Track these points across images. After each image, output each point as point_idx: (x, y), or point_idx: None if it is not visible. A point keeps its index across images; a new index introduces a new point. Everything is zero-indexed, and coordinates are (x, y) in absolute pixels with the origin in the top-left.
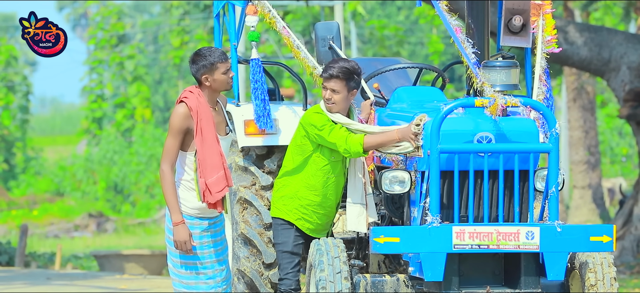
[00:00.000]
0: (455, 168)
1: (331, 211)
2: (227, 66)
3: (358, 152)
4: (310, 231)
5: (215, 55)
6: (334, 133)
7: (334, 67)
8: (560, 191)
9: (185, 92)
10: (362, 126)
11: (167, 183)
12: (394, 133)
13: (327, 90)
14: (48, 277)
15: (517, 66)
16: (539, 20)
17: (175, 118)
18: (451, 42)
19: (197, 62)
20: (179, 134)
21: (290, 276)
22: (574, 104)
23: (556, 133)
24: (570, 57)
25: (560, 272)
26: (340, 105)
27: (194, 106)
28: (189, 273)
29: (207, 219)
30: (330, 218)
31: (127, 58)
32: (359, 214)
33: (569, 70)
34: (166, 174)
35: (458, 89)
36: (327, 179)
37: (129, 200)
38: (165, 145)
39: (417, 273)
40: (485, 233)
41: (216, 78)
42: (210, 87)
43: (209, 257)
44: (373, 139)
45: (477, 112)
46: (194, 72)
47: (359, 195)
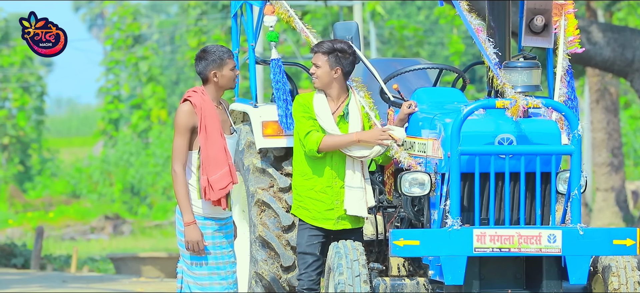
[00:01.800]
0: (475, 169)
1: (327, 197)
2: (234, 63)
3: (312, 151)
4: (312, 220)
5: (223, 51)
6: (300, 125)
7: (319, 44)
8: (582, 194)
9: (189, 92)
10: (332, 125)
11: (180, 183)
12: (353, 135)
13: (313, 65)
14: (64, 279)
15: (539, 67)
16: (561, 20)
17: (180, 116)
18: (472, 43)
19: (206, 58)
20: (186, 132)
21: (304, 277)
22: (597, 106)
23: (579, 135)
24: (593, 58)
25: (583, 276)
26: (323, 80)
27: (198, 103)
28: (204, 273)
29: (218, 220)
30: (329, 205)
31: (140, 59)
32: (359, 198)
33: (592, 71)
34: (178, 175)
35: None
36: (316, 164)
37: (146, 201)
38: (174, 146)
39: (437, 276)
40: (506, 236)
41: (224, 74)
42: (216, 84)
43: (222, 258)
44: (330, 140)
45: (498, 113)
46: (201, 69)
47: (358, 179)
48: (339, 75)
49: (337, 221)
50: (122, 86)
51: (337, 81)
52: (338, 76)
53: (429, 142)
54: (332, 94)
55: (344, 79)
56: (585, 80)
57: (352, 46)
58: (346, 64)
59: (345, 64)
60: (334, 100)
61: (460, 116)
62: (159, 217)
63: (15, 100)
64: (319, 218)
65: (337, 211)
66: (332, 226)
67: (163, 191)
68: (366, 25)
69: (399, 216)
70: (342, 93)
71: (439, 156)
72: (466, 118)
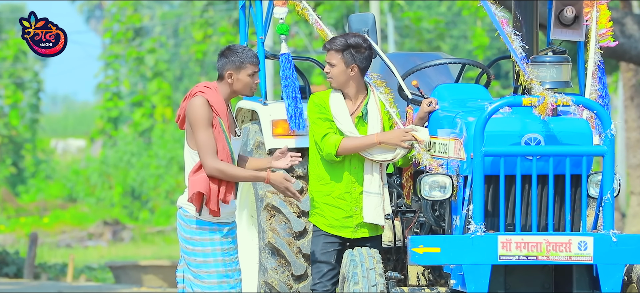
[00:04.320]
0: (500, 172)
1: (345, 204)
2: (255, 69)
3: (330, 154)
4: (328, 228)
5: (247, 54)
6: (316, 127)
7: (331, 41)
8: (615, 198)
9: (200, 87)
10: (350, 127)
11: (228, 169)
12: (373, 137)
13: (327, 64)
14: (59, 289)
15: (569, 62)
16: (592, 12)
17: (200, 109)
18: (497, 36)
19: (227, 56)
20: (209, 125)
21: (319, 287)
22: (632, 103)
23: (611, 134)
24: (628, 52)
25: (616, 286)
26: (339, 79)
27: (213, 101)
28: (214, 282)
29: (226, 225)
30: (347, 212)
31: (146, 53)
32: (377, 205)
33: (626, 66)
34: (219, 165)
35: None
36: (334, 168)
37: (147, 206)
38: (200, 141)
39: (459, 286)
40: (533, 243)
41: (240, 78)
42: (231, 87)
43: (231, 265)
44: (349, 143)
45: (524, 111)
46: (220, 66)
47: (376, 185)
48: (355, 73)
49: (355, 229)
50: (122, 82)
51: (354, 79)
52: (355, 73)
53: (451, 142)
54: (350, 93)
55: (361, 75)
56: (619, 76)
57: (367, 39)
58: (362, 59)
59: (361, 60)
60: (352, 99)
61: (484, 115)
62: (161, 223)
63: (8, 97)
64: (336, 225)
65: (356, 218)
66: (350, 234)
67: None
68: (384, 17)
69: (418, 222)
70: (360, 91)
71: (461, 157)
72: (490, 116)
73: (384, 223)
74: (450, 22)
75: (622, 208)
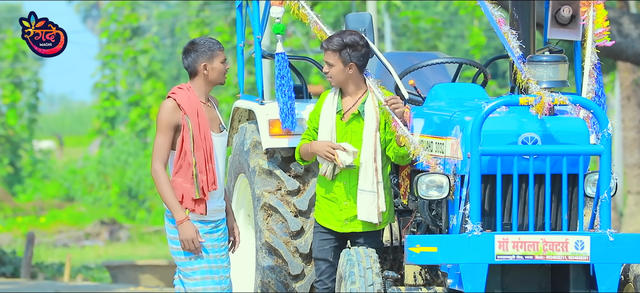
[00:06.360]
0: (497, 171)
1: (337, 197)
2: (224, 56)
3: (298, 159)
4: (322, 221)
5: (214, 42)
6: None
7: (328, 40)
8: (612, 197)
9: (174, 89)
10: (323, 128)
11: (163, 183)
12: (310, 144)
13: (325, 64)
14: (56, 289)
15: (566, 61)
16: (589, 11)
17: (163, 113)
18: (494, 35)
19: (196, 50)
20: (168, 130)
21: (318, 285)
22: (629, 103)
23: (608, 134)
24: (624, 51)
25: (613, 285)
26: (338, 79)
27: (183, 102)
28: (197, 279)
29: (209, 222)
30: (338, 206)
31: (141, 52)
32: (370, 203)
33: (623, 65)
34: (160, 174)
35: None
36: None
37: (144, 205)
38: (155, 144)
39: (456, 285)
40: (530, 243)
41: (215, 66)
42: (206, 78)
43: (216, 262)
44: (303, 148)
45: (521, 111)
46: (190, 62)
47: (370, 183)
48: (353, 71)
49: (344, 223)
50: (119, 81)
51: (352, 77)
52: (353, 72)
53: (448, 142)
54: (350, 91)
55: (360, 73)
56: (616, 75)
57: (364, 36)
58: (359, 57)
59: (358, 58)
60: (352, 96)
61: (481, 114)
62: (158, 222)
63: (6, 96)
64: (329, 219)
65: (346, 213)
66: (340, 228)
67: None
68: (381, 17)
69: (415, 221)
70: (359, 89)
71: (458, 156)
72: (487, 115)
73: (377, 221)
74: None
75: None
